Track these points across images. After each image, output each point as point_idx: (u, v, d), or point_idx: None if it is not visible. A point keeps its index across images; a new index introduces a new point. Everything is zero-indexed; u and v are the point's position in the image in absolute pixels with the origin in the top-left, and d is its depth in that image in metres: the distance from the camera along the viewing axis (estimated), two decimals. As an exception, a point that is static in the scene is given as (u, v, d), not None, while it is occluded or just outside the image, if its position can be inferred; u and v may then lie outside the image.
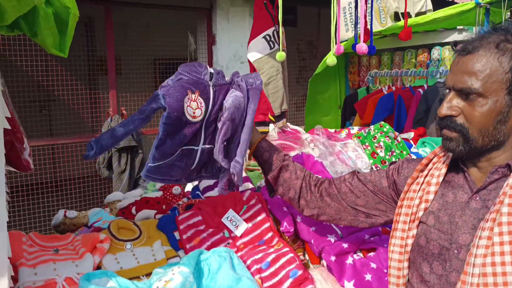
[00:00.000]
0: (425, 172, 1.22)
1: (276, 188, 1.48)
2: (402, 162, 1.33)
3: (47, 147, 4.78)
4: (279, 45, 2.70)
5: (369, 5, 3.77)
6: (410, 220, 1.19)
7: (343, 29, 4.47)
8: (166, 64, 6.80)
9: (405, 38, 1.94)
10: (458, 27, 3.65)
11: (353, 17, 1.95)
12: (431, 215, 1.16)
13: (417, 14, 4.51)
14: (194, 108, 1.33)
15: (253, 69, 2.54)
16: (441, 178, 1.18)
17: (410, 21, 3.68)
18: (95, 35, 6.00)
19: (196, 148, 1.39)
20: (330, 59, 1.64)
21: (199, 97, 1.34)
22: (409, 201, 1.21)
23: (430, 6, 4.55)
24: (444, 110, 1.10)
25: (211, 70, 1.39)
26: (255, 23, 2.67)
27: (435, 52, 3.78)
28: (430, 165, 1.22)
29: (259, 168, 1.60)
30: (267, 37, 2.62)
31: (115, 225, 1.61)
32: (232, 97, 1.36)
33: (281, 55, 1.72)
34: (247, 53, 2.53)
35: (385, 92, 3.29)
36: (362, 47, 1.62)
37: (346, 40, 4.28)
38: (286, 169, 1.45)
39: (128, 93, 5.18)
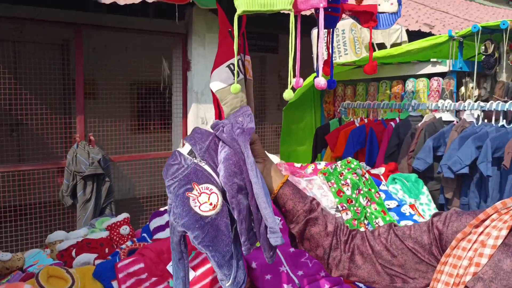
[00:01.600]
0: (480, 229, 1.04)
1: (301, 242, 1.26)
2: (450, 214, 1.14)
3: (14, 173, 4.57)
4: (244, 74, 2.58)
5: (340, 36, 3.68)
6: (453, 282, 1.02)
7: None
8: (143, 89, 6.69)
9: (370, 71, 1.83)
10: (432, 59, 3.61)
11: (330, 47, 1.87)
12: (480, 282, 0.99)
13: (392, 45, 4.49)
14: (205, 200, 1.11)
15: (215, 99, 2.41)
16: (499, 241, 1.00)
17: (383, 52, 3.63)
18: (70, 57, 5.87)
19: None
20: (287, 93, 1.51)
21: (200, 187, 1.12)
22: (455, 260, 1.04)
23: (405, 37, 4.53)
24: None
25: (187, 144, 1.18)
26: (219, 52, 2.54)
27: (409, 84, 3.73)
28: (488, 221, 1.04)
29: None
30: (231, 66, 2.48)
31: (45, 273, 1.44)
32: (224, 167, 1.12)
33: (235, 87, 1.59)
34: (210, 83, 2.41)
35: (357, 125, 3.19)
36: (321, 81, 1.49)
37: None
38: (315, 223, 1.23)
39: (99, 118, 5.02)
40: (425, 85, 3.66)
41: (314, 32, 4.57)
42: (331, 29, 1.89)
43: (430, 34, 6.72)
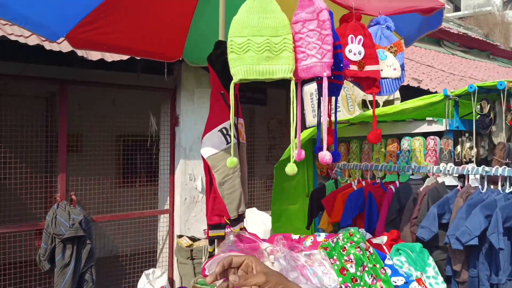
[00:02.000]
0: None
1: None
2: None
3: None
4: (237, 138, 2.43)
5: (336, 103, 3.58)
6: None
7: (310, 115, 4.33)
8: (129, 143, 6.54)
9: (374, 141, 1.71)
10: (427, 118, 3.53)
11: (333, 114, 1.75)
12: None
13: (385, 102, 4.44)
14: None
15: (206, 166, 2.25)
16: None
17: (378, 111, 3.54)
18: (55, 111, 5.72)
19: None
20: (290, 168, 1.37)
21: None
22: None
23: (398, 94, 4.49)
24: None
25: None
26: (211, 115, 2.41)
27: (405, 143, 3.63)
28: None
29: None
30: (224, 130, 2.34)
31: None
32: None
33: (232, 161, 1.44)
34: (201, 148, 2.26)
35: (355, 187, 3.05)
36: (325, 156, 1.37)
37: (313, 126, 4.12)
38: None
39: (83, 175, 4.81)
40: (421, 144, 3.56)
41: (306, 88, 4.52)
42: (334, 97, 1.78)
43: (418, 88, 6.75)
